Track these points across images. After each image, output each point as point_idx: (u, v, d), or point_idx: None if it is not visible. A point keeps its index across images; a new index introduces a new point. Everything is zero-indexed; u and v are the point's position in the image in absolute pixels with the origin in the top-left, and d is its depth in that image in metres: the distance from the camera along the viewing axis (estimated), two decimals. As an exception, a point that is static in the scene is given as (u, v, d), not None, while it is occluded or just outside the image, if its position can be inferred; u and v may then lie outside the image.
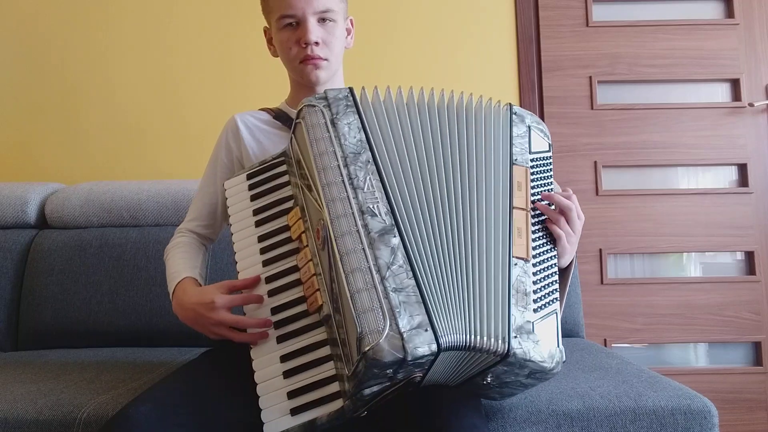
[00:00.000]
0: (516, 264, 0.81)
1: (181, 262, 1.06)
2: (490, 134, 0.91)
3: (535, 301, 0.80)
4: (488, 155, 0.89)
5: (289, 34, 1.07)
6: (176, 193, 1.69)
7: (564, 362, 0.81)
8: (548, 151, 0.96)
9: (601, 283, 2.01)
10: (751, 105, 2.06)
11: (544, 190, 0.92)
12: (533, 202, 0.89)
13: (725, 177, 2.10)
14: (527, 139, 0.94)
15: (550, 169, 0.95)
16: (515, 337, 0.76)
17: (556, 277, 0.87)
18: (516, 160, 0.90)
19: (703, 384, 1.94)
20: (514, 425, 0.99)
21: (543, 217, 0.90)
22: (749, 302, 2.00)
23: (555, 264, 0.88)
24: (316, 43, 1.06)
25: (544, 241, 0.88)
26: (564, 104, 2.08)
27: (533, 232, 0.87)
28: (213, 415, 0.84)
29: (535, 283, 0.82)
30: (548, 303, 0.82)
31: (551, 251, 0.89)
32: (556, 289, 0.85)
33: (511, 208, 0.85)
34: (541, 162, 0.94)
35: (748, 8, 2.11)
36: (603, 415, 0.99)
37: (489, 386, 0.85)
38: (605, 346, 1.97)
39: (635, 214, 2.04)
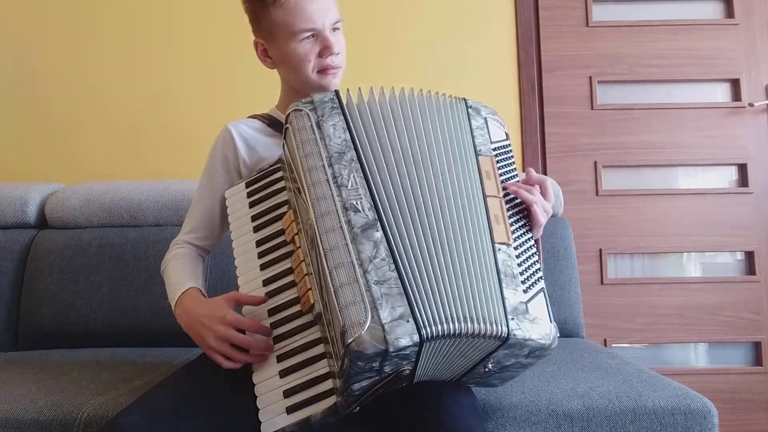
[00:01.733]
0: (500, 249, 0.83)
1: (184, 273, 1.05)
2: (453, 128, 0.92)
3: (523, 282, 0.81)
4: (454, 148, 0.90)
5: (309, 47, 1.06)
6: (176, 193, 1.69)
7: (558, 337, 0.82)
8: (506, 139, 0.98)
9: (601, 283, 2.01)
10: (751, 105, 2.06)
11: (510, 177, 0.93)
12: (504, 188, 0.91)
13: (725, 177, 2.09)
14: (486, 130, 0.95)
15: (512, 157, 0.97)
16: (512, 319, 0.77)
17: (537, 257, 0.88)
18: (480, 151, 0.92)
19: (703, 384, 1.94)
20: (514, 425, 0.99)
21: (515, 201, 0.91)
22: (749, 302, 2.00)
23: (533, 244, 0.90)
24: (337, 53, 1.07)
25: (520, 224, 0.90)
26: (564, 104, 2.08)
27: (509, 217, 0.88)
28: (208, 418, 0.84)
29: (520, 264, 0.83)
30: (535, 282, 0.84)
31: (528, 233, 0.91)
32: (539, 269, 0.87)
33: (485, 197, 0.87)
34: (502, 151, 0.96)
35: (748, 8, 2.11)
36: (603, 415, 0.99)
37: (490, 373, 0.85)
38: (605, 346, 1.97)
39: (635, 214, 2.03)
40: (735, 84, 2.09)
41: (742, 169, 2.07)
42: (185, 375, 0.95)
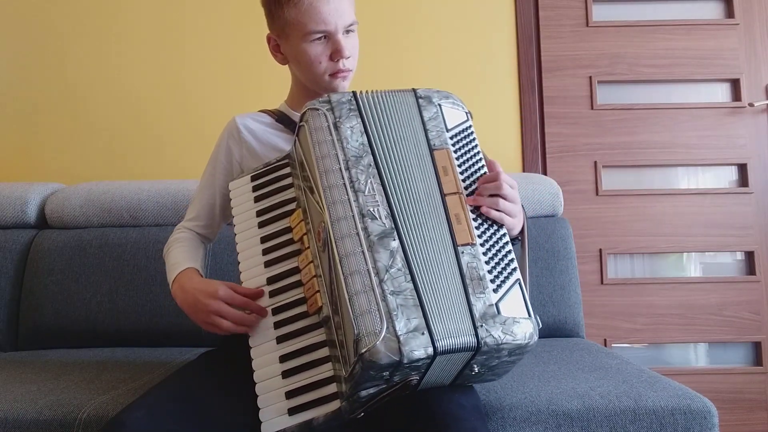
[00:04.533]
0: (463, 252, 0.80)
1: (185, 254, 1.07)
2: (406, 126, 0.90)
3: (492, 281, 0.79)
4: (411, 148, 0.88)
5: (320, 49, 1.04)
6: (176, 193, 1.69)
7: (540, 327, 0.80)
8: (467, 120, 0.94)
9: (601, 283, 2.01)
10: (751, 105, 2.06)
11: (473, 162, 0.90)
12: (464, 181, 0.87)
13: (725, 177, 2.09)
14: (441, 119, 0.91)
15: (474, 138, 0.93)
16: (481, 326, 0.75)
17: (510, 248, 0.85)
18: (434, 145, 0.88)
19: (703, 384, 1.94)
20: (514, 425, 0.99)
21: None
22: (749, 302, 2.00)
23: (504, 235, 0.86)
24: (348, 57, 1.05)
25: (486, 216, 0.85)
26: (564, 104, 2.08)
27: (472, 212, 0.84)
28: (209, 417, 0.84)
29: (488, 262, 0.81)
30: (507, 277, 0.81)
31: (497, 223, 0.86)
32: (512, 260, 0.83)
33: (443, 196, 0.84)
34: (462, 135, 0.92)
35: (748, 8, 2.11)
36: (603, 415, 0.99)
37: (481, 373, 0.84)
38: (605, 346, 1.97)
39: (635, 214, 2.03)
40: (735, 84, 2.09)
41: (742, 169, 2.07)
42: (186, 374, 0.95)
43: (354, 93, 0.92)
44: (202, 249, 1.14)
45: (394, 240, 0.79)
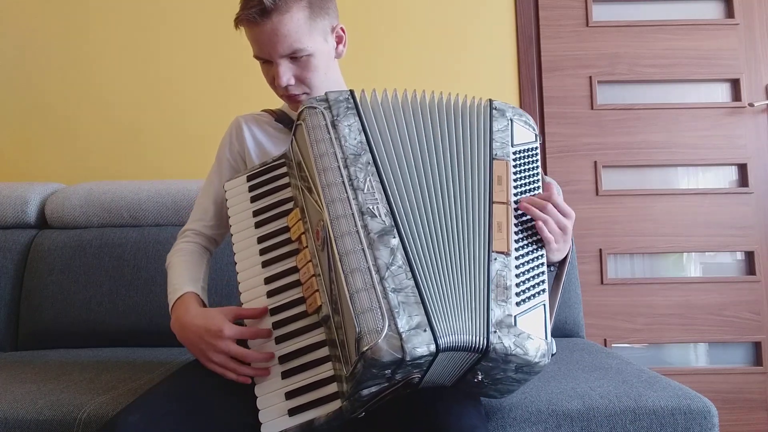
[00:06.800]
0: (496, 259, 0.81)
1: (184, 273, 1.04)
2: (470, 132, 0.92)
3: (518, 294, 0.79)
4: (468, 152, 0.89)
5: (265, 69, 1.06)
6: (176, 193, 1.69)
7: (553, 354, 0.80)
8: (534, 141, 0.96)
9: (601, 283, 2.01)
10: (751, 105, 2.06)
11: (530, 182, 0.91)
12: (516, 195, 0.88)
13: (725, 177, 2.09)
14: (509, 133, 0.93)
15: (537, 159, 0.94)
16: (494, 332, 0.75)
17: (544, 269, 0.85)
18: (496, 154, 0.90)
19: (703, 384, 1.94)
20: (514, 425, 0.99)
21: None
22: (749, 302, 2.00)
23: (542, 255, 0.86)
24: (290, 84, 1.03)
25: (529, 233, 0.86)
26: (564, 104, 2.08)
27: (516, 225, 0.85)
28: (208, 418, 0.83)
29: (518, 276, 0.81)
30: (534, 295, 0.81)
31: (537, 242, 0.86)
32: (543, 281, 0.83)
33: (491, 203, 0.85)
34: (526, 153, 0.93)
35: (748, 8, 2.11)
36: (603, 415, 0.99)
37: (483, 384, 0.84)
38: (605, 346, 1.97)
39: (635, 214, 2.04)
40: (735, 84, 2.09)
41: (742, 169, 2.07)
42: (185, 375, 0.95)
43: (351, 91, 0.92)
44: (204, 261, 1.11)
45: (394, 237, 0.79)
